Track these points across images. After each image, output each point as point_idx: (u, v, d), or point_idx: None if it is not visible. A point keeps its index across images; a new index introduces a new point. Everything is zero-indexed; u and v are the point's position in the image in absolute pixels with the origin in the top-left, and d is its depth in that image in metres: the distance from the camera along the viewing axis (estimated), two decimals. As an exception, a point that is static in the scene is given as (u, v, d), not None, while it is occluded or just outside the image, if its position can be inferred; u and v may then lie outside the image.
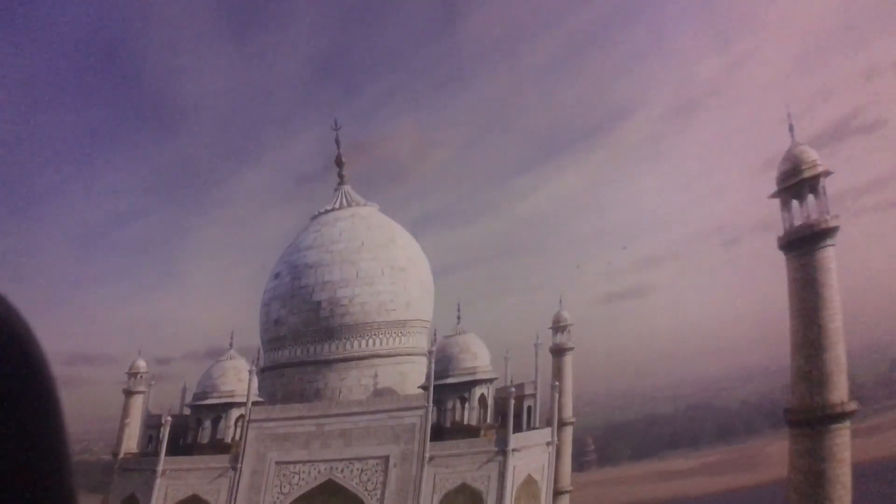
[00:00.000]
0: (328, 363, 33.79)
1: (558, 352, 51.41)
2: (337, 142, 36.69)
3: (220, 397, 31.18)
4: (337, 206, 36.59)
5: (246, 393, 30.67)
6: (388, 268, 34.72)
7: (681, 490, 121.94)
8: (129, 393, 44.57)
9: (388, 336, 34.37)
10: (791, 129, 25.10)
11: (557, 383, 35.68)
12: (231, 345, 33.20)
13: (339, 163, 37.01)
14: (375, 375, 33.80)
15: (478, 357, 32.90)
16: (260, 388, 34.68)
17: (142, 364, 45.25)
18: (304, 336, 34.15)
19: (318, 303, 33.93)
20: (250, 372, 30.24)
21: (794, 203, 25.17)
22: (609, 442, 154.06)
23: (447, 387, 31.55)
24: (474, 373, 32.26)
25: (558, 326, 51.47)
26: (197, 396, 31.88)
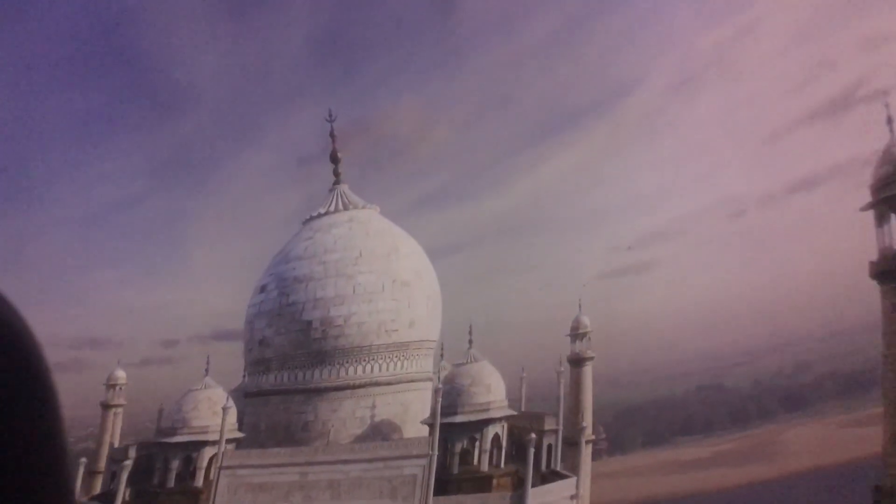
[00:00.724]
0: (319, 392, 29.28)
1: (577, 362, 46.68)
2: (332, 135, 31.88)
3: (190, 434, 26.74)
4: (332, 208, 31.83)
5: (222, 428, 26.26)
6: (390, 282, 30.07)
7: (697, 484, 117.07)
8: (106, 406, 40.38)
9: (388, 361, 29.80)
10: (890, 121, 19.83)
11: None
12: (207, 371, 28.73)
13: (334, 159, 32.20)
14: (373, 406, 29.27)
15: (492, 390, 28.27)
16: (241, 416, 30.29)
17: (121, 374, 41.00)
18: (293, 360, 29.63)
19: (309, 322, 29.36)
20: (224, 409, 25.71)
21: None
22: (620, 428, 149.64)
23: (455, 426, 26.96)
24: (487, 409, 27.65)
25: (577, 333, 46.72)
26: (165, 432, 27.48)
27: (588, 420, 43.68)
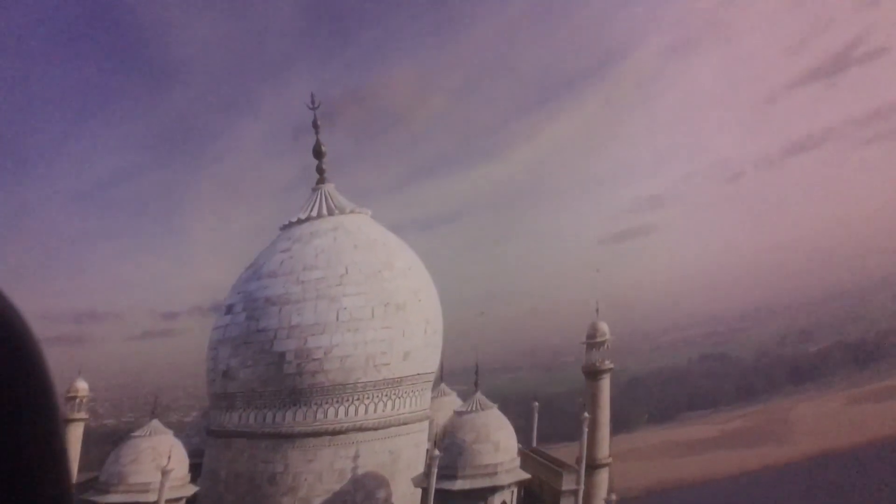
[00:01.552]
0: (290, 438, 24.31)
1: (593, 373, 41.71)
2: (315, 125, 26.26)
3: (126, 493, 21.88)
4: (314, 213, 26.39)
5: (171, 483, 21.41)
6: (381, 305, 24.89)
7: (707, 468, 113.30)
8: (65, 421, 35.57)
9: (376, 400, 24.78)
10: None
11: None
12: (154, 412, 23.79)
13: (317, 153, 26.64)
14: (356, 456, 24.31)
15: (500, 448, 23.26)
16: (203, 458, 25.51)
17: (82, 386, 36.19)
18: (261, 398, 24.60)
19: (282, 354, 24.25)
20: (164, 472, 20.69)
21: None
22: (624, 403, 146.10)
23: (454, 494, 22.07)
24: (495, 473, 22.69)
25: (594, 342, 41.64)
26: (98, 488, 22.57)
27: (604, 442, 38.96)
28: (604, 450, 38.61)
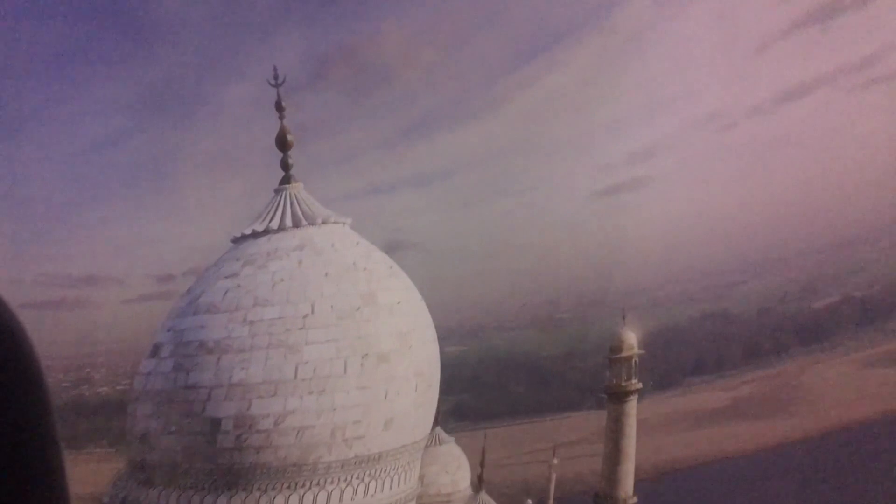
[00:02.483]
0: (225, 533, 18.02)
1: (617, 395, 35.51)
2: (279, 106, 19.01)
3: None
4: (274, 224, 19.33)
5: None
6: (357, 357, 18.20)
7: (719, 443, 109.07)
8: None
9: (343, 485, 18.40)
10: None
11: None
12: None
13: (282, 144, 19.38)
14: (313, 560, 18.09)
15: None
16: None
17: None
18: (186, 476, 18.17)
19: (216, 421, 17.70)
20: None
21: None
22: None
23: None
24: None
25: (618, 357, 35.20)
26: None
27: (629, 476, 33.12)
28: (627, 486, 32.68)
